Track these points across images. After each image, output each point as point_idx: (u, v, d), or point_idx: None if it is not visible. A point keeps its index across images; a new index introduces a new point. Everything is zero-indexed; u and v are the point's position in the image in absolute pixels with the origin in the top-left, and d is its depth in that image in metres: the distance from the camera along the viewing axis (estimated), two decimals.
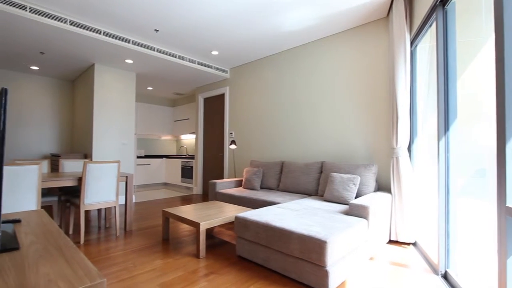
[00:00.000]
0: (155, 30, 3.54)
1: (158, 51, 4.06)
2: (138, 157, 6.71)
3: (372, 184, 2.89)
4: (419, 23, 2.46)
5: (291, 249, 1.91)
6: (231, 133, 5.12)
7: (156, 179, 6.91)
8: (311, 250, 1.79)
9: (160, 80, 5.51)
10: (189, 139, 7.48)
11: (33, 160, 3.35)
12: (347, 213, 2.42)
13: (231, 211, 2.74)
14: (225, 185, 3.94)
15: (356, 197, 2.91)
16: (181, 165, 6.49)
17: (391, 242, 2.80)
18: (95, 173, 2.82)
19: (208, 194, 3.99)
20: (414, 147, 2.83)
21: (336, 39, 3.58)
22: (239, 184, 4.17)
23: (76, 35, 3.33)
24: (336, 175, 2.94)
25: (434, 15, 2.08)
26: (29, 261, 0.87)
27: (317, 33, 3.59)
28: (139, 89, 6.43)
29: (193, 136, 7.19)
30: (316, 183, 3.36)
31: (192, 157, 6.28)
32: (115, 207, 3.00)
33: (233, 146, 4.56)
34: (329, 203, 2.83)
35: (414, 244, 2.71)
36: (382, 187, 3.13)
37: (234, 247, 2.63)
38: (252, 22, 3.30)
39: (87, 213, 3.99)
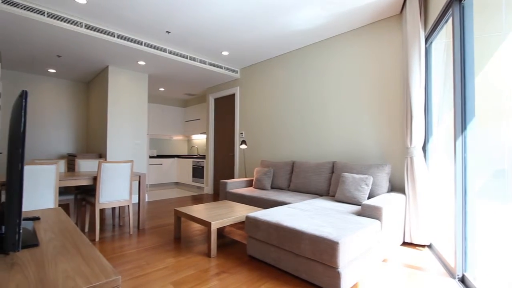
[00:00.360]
0: (167, 32, 3.59)
1: (170, 52, 4.12)
2: (151, 157, 6.83)
3: (385, 185, 2.83)
4: (434, 19, 2.40)
5: (302, 249, 1.90)
6: (242, 133, 5.13)
7: (168, 178, 7.02)
8: (323, 251, 1.77)
9: (171, 81, 5.59)
10: (200, 139, 7.56)
11: (51, 160, 3.46)
12: (359, 214, 2.38)
13: (241, 211, 2.75)
14: (235, 184, 3.96)
15: (368, 198, 2.86)
16: (192, 165, 6.56)
17: (405, 244, 2.73)
18: (109, 172, 2.89)
19: (219, 194, 4.02)
20: (429, 146, 2.75)
21: (348, 37, 3.53)
22: (249, 184, 4.18)
23: (91, 38, 3.43)
24: (348, 175, 2.90)
25: (450, 11, 2.02)
26: (48, 257, 0.89)
27: (328, 31, 3.55)
28: (151, 90, 6.55)
29: (204, 136, 7.25)
30: (327, 183, 3.32)
31: (203, 157, 6.33)
32: (128, 206, 3.06)
33: (243, 146, 4.57)
34: (340, 203, 2.79)
35: (429, 246, 2.64)
36: (396, 187, 3.07)
37: (245, 246, 2.63)
38: (261, 22, 3.30)
39: (102, 212, 4.10)
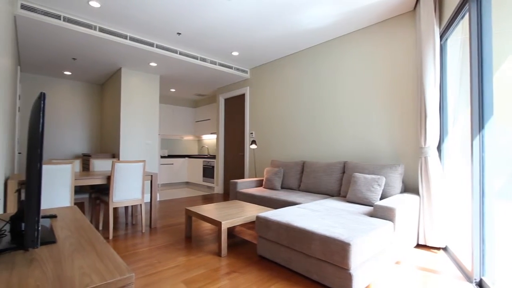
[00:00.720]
0: (178, 34, 3.64)
1: (181, 53, 4.17)
2: (162, 157, 6.94)
3: (398, 185, 2.77)
4: (449, 15, 2.33)
5: (313, 250, 1.88)
6: (252, 133, 5.14)
7: (178, 178, 7.11)
8: (334, 252, 1.75)
9: (182, 81, 5.66)
10: (210, 139, 7.61)
11: (67, 160, 3.57)
12: (371, 215, 2.34)
13: (252, 211, 2.75)
14: (246, 184, 3.97)
15: (381, 199, 2.81)
16: (203, 165, 6.62)
17: (419, 246, 2.66)
18: (122, 172, 2.95)
19: (229, 194, 4.03)
20: (444, 146, 2.67)
21: (359, 35, 3.48)
22: (259, 184, 4.18)
23: (104, 41, 3.51)
24: (359, 175, 2.86)
25: (467, 6, 1.95)
26: (64, 254, 0.92)
27: (339, 29, 3.51)
28: (162, 91, 6.65)
29: (214, 136, 7.30)
30: (338, 184, 3.28)
31: (213, 157, 6.38)
32: (141, 205, 3.12)
33: (253, 146, 4.57)
34: (352, 204, 2.75)
35: (445, 249, 2.56)
36: (409, 188, 3.00)
37: (255, 246, 2.63)
38: (271, 22, 3.29)
39: (115, 210, 4.19)
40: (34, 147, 0.81)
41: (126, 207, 3.77)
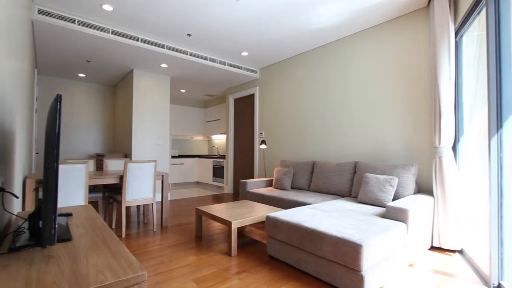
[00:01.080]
0: (188, 35, 3.68)
1: (191, 54, 4.21)
2: (173, 156, 7.03)
3: (411, 186, 2.71)
4: (465, 11, 2.26)
5: (323, 251, 1.87)
6: (261, 133, 5.14)
7: (189, 178, 7.18)
8: (345, 253, 1.73)
9: (192, 82, 5.72)
10: (220, 139, 7.66)
11: (81, 159, 3.67)
12: (383, 216, 2.30)
13: (261, 211, 2.75)
14: (255, 184, 3.97)
15: (393, 200, 2.76)
16: (213, 165, 6.67)
17: (433, 248, 2.60)
18: (134, 172, 3.00)
19: (239, 193, 4.05)
20: (460, 146, 2.60)
21: (371, 33, 3.42)
22: (269, 184, 4.17)
23: (117, 43, 3.59)
24: (371, 175, 2.81)
25: (484, 1, 1.89)
26: (80, 251, 0.95)
27: (350, 28, 3.46)
28: (173, 92, 6.74)
29: (224, 136, 7.35)
30: (349, 184, 3.24)
31: (223, 157, 6.41)
32: (152, 204, 3.17)
33: (263, 146, 4.57)
34: (363, 205, 2.71)
35: (461, 251, 2.49)
36: (423, 189, 2.92)
37: (265, 246, 2.63)
38: (280, 21, 3.28)
39: (127, 209, 4.28)
40: (51, 147, 0.84)
41: (138, 206, 3.84)
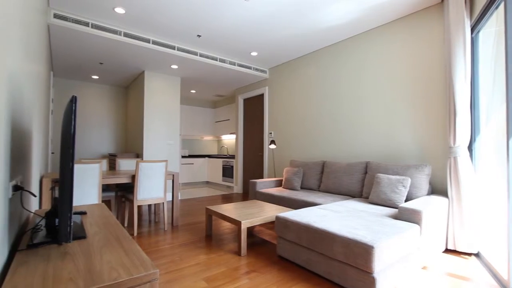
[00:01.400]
0: (198, 36, 3.71)
1: (201, 55, 4.25)
2: (183, 156, 7.11)
3: (424, 187, 2.65)
4: (482, 6, 2.19)
5: (334, 252, 1.84)
6: (271, 133, 5.13)
7: (199, 177, 7.25)
8: (357, 254, 1.70)
9: (202, 83, 5.77)
10: (229, 139, 7.69)
11: (95, 159, 3.76)
12: (396, 217, 2.25)
13: (271, 211, 2.75)
14: (265, 184, 3.97)
15: (406, 201, 2.70)
16: (222, 165, 6.70)
17: (448, 251, 2.53)
18: (146, 171, 3.05)
19: (248, 193, 4.05)
20: (476, 145, 2.51)
21: (383, 30, 3.36)
22: (279, 184, 4.16)
23: (129, 45, 3.66)
24: (383, 176, 2.76)
25: None
26: (94, 249, 0.97)
27: (362, 26, 3.41)
28: (183, 92, 6.81)
29: (234, 136, 7.37)
30: (360, 185, 3.19)
31: (233, 156, 6.44)
32: (163, 203, 3.21)
33: (272, 146, 4.56)
34: (375, 205, 2.66)
35: (477, 255, 2.41)
36: (437, 190, 2.85)
37: (275, 246, 2.63)
38: (290, 20, 3.26)
39: (139, 208, 4.35)
40: (67, 147, 0.86)
41: (149, 205, 3.91)
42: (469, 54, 2.37)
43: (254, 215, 2.59)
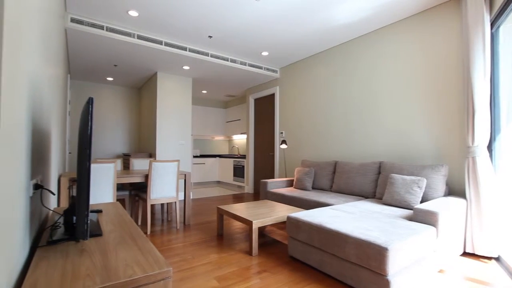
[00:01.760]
0: (209, 37, 3.74)
1: (212, 56, 4.28)
2: (194, 156, 7.19)
3: (441, 188, 2.57)
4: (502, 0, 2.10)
5: (347, 253, 1.82)
6: (282, 132, 5.11)
7: (210, 177, 7.31)
8: (370, 256, 1.67)
9: (213, 83, 5.81)
10: (240, 139, 7.72)
11: (110, 159, 3.85)
12: (410, 218, 2.19)
13: (282, 211, 2.74)
14: (276, 184, 3.96)
15: (421, 202, 2.63)
16: (233, 165, 6.73)
17: (466, 254, 2.44)
18: (159, 171, 3.11)
19: (259, 193, 4.05)
20: (496, 145, 2.42)
21: (397, 27, 3.28)
22: (290, 184, 4.14)
23: (142, 47, 3.73)
24: (397, 176, 2.70)
25: None
26: (109, 246, 0.99)
27: (375, 23, 3.34)
28: (194, 93, 6.89)
29: (244, 136, 7.39)
30: (373, 185, 3.13)
31: (244, 156, 6.46)
32: (175, 202, 3.26)
33: (283, 146, 4.55)
34: (388, 206, 2.61)
35: (497, 259, 2.32)
36: (454, 191, 2.76)
37: (286, 247, 2.61)
38: (302, 19, 3.24)
39: (152, 207, 4.43)
40: (83, 147, 0.88)
41: (162, 204, 3.97)
42: (488, 50, 2.28)
43: (265, 215, 2.59)
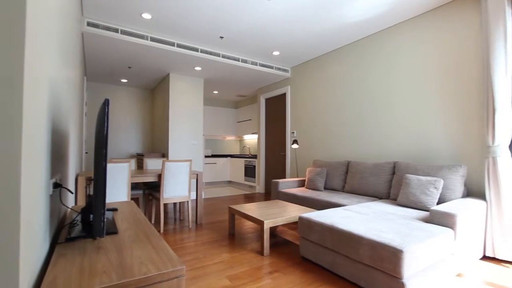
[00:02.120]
0: (220, 37, 3.77)
1: (223, 56, 4.31)
2: (206, 156, 7.26)
3: (459, 189, 2.48)
4: None
5: (360, 255, 1.79)
6: (293, 132, 5.08)
7: (221, 177, 7.36)
8: (384, 258, 1.63)
9: (224, 83, 5.85)
10: (251, 139, 7.73)
11: (124, 159, 3.95)
12: (427, 220, 2.13)
13: (294, 211, 2.72)
14: (287, 184, 3.94)
15: (438, 203, 2.55)
16: (244, 164, 6.75)
17: (486, 258, 2.35)
18: (172, 170, 3.15)
19: (271, 193, 4.05)
20: None
21: (414, 23, 3.20)
22: (301, 184, 4.11)
23: (155, 49, 3.80)
24: (412, 177, 2.63)
25: None
26: (125, 244, 1.02)
27: (389, 20, 3.27)
28: (206, 93, 6.95)
29: (255, 136, 7.40)
30: (387, 186, 3.06)
31: (255, 156, 6.46)
32: (188, 201, 3.30)
33: (295, 146, 4.52)
34: (403, 208, 2.54)
35: None
36: (473, 192, 2.66)
37: (297, 247, 2.60)
38: (313, 17, 3.21)
39: (165, 206, 4.51)
40: (100, 147, 0.91)
41: (175, 203, 4.03)
42: (510, 46, 2.18)
43: (277, 215, 2.58)
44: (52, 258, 0.89)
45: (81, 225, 1.20)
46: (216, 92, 6.74)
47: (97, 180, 0.92)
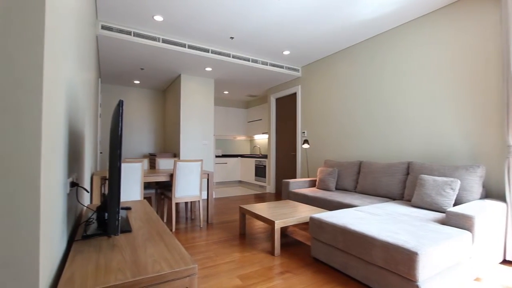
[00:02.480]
0: (231, 38, 3.78)
1: (234, 56, 4.33)
2: (216, 156, 7.31)
3: (476, 190, 2.39)
4: None
5: (373, 257, 1.75)
6: (304, 132, 5.04)
7: (232, 177, 7.39)
8: (399, 261, 1.60)
9: (235, 84, 5.87)
10: (262, 139, 7.73)
11: (137, 159, 4.03)
12: (442, 222, 2.07)
13: (305, 211, 2.70)
14: (298, 184, 3.92)
15: (454, 205, 2.47)
16: (255, 164, 6.76)
17: (506, 262, 2.26)
18: (183, 170, 3.19)
19: (281, 193, 4.03)
20: None
21: (428, 20, 3.11)
22: (312, 184, 4.08)
23: (166, 51, 3.86)
24: (427, 177, 2.56)
25: None
26: (138, 242, 1.04)
27: (404, 16, 3.19)
28: (216, 94, 7.00)
29: (266, 136, 7.39)
30: (401, 186, 2.99)
31: (265, 156, 6.46)
32: (199, 201, 3.33)
33: (306, 146, 4.49)
34: (418, 209, 2.48)
35: None
36: (492, 194, 2.56)
37: (309, 248, 2.58)
38: (325, 16, 3.17)
39: (177, 205, 4.57)
40: (114, 147, 0.93)
41: (186, 203, 4.07)
42: None
43: (288, 215, 2.57)
44: (70, 254, 0.91)
45: (96, 223, 1.23)
46: (226, 92, 6.77)
47: (112, 179, 0.94)
